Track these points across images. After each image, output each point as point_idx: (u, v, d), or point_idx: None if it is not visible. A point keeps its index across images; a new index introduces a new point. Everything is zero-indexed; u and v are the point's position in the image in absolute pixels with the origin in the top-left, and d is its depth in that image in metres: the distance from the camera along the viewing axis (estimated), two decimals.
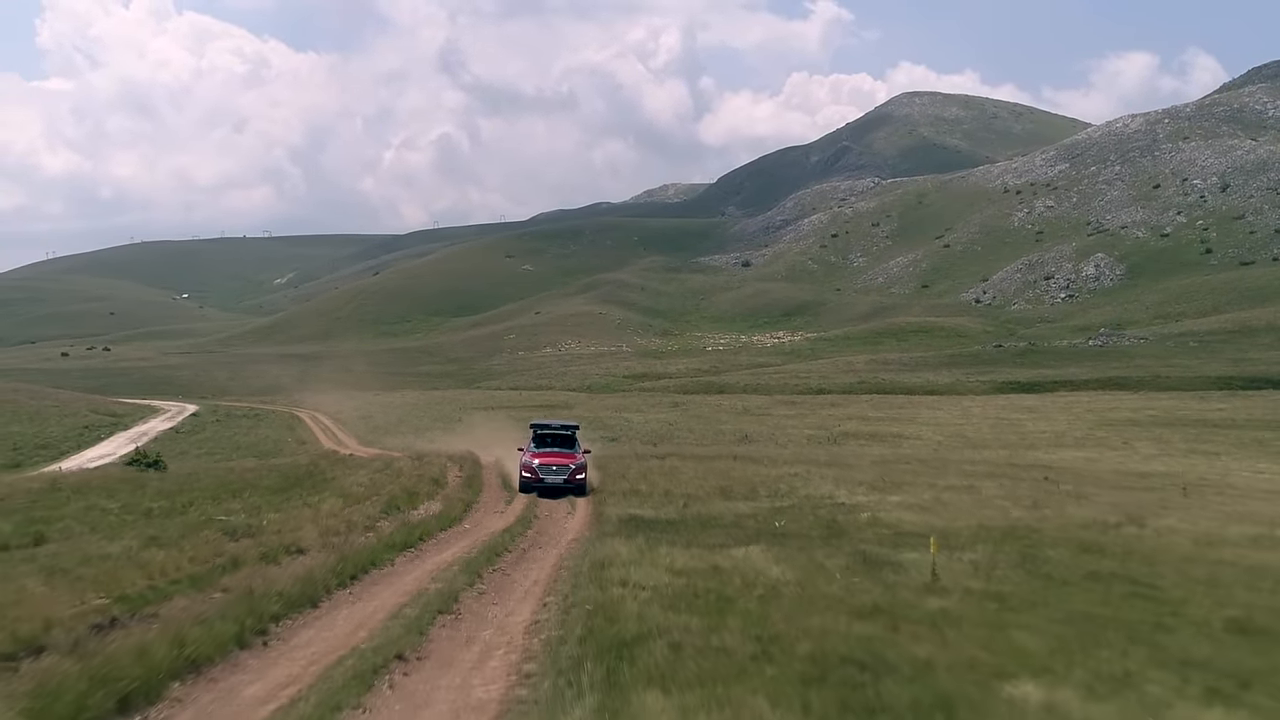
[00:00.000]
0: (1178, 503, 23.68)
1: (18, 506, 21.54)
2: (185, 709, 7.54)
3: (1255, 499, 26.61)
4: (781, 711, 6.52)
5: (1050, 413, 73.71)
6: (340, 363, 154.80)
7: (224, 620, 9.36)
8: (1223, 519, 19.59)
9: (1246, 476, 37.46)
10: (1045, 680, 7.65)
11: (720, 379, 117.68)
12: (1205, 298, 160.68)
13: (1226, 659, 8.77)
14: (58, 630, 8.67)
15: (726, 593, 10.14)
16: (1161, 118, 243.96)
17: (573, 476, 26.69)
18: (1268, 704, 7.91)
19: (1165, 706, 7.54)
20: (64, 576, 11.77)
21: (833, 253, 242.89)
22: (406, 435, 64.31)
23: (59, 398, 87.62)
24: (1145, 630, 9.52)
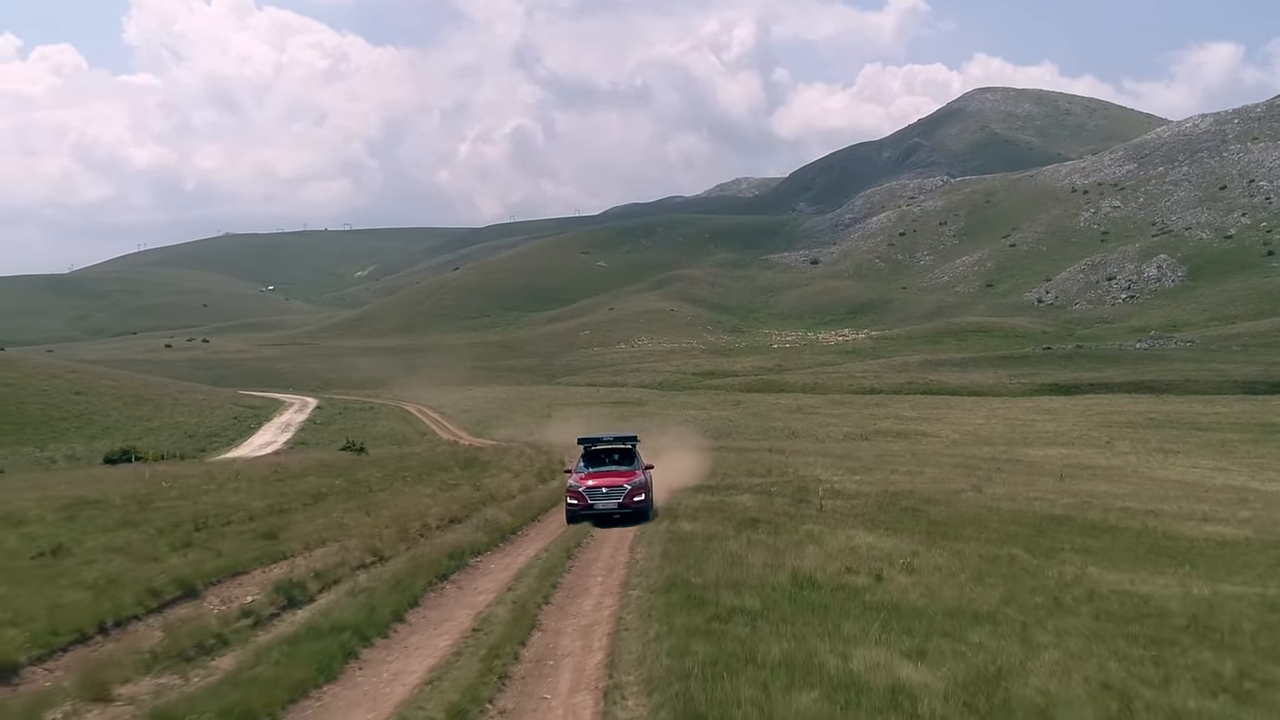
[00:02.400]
0: (1044, 481, 36.02)
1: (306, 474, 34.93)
2: (479, 570, 20.15)
3: (1121, 481, 38.78)
4: (729, 524, 19.38)
5: (1066, 414, 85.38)
6: (438, 357, 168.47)
7: (488, 534, 22.20)
8: (1041, 490, 31.95)
9: (1161, 470, 49.57)
10: (859, 533, 20.26)
11: (781, 378, 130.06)
12: (1261, 300, 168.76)
13: (957, 536, 21.44)
14: (414, 526, 21.72)
15: (724, 510, 22.82)
16: (1231, 118, 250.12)
17: (630, 499, 22.64)
18: (971, 547, 20.59)
19: (892, 540, 20.34)
20: (388, 512, 24.86)
21: (900, 251, 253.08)
22: (508, 428, 77.99)
23: (201, 391, 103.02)
24: (909, 521, 22.15)
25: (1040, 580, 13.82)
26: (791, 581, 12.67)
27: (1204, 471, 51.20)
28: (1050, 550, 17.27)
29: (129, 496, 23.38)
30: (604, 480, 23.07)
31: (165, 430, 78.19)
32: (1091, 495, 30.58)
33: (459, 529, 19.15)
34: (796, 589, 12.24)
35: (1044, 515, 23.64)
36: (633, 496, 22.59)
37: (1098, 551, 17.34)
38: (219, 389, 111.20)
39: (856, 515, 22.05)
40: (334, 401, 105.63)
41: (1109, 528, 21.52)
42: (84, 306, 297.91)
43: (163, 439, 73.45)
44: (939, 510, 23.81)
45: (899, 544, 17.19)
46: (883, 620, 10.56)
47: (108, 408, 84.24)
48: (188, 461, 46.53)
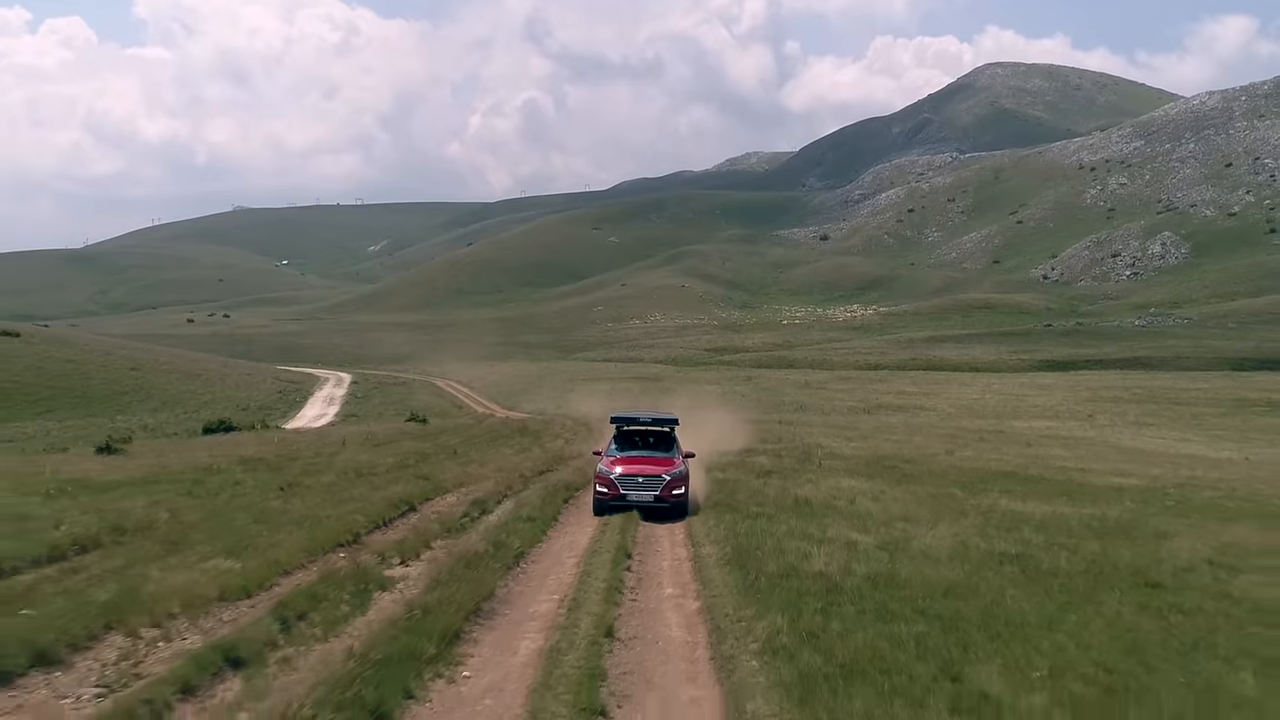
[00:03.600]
0: (1011, 448, 43.12)
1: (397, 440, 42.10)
2: (584, 500, 27.18)
3: (1079, 448, 45.91)
4: (750, 474, 26.46)
5: (1057, 389, 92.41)
6: (462, 332, 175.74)
7: (581, 477, 29.32)
8: (1004, 454, 39.02)
9: (1128, 440, 56.71)
10: (845, 479, 27.21)
11: (791, 354, 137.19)
12: (1263, 278, 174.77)
13: (932, 484, 28.55)
14: (517, 474, 28.86)
15: (746, 465, 29.85)
16: (1239, 95, 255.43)
17: (668, 491, 20.56)
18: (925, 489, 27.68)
19: (876, 486, 27.44)
20: (491, 465, 31.98)
21: (908, 227, 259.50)
22: (537, 402, 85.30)
23: (244, 367, 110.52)
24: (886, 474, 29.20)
25: (960, 505, 20.88)
26: (794, 502, 19.91)
27: (1166, 442, 58.18)
28: (980, 490, 24.26)
29: (280, 455, 30.59)
30: (639, 468, 20.93)
31: (220, 404, 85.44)
32: (1043, 458, 37.72)
33: (553, 475, 26.31)
34: (797, 506, 19.45)
35: (993, 471, 30.70)
36: (671, 489, 20.44)
37: (1015, 492, 24.30)
38: (260, 365, 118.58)
39: (847, 470, 29.17)
40: (367, 377, 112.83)
41: (1037, 479, 28.52)
42: (103, 281, 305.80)
43: (221, 412, 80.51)
44: (912, 467, 30.92)
45: (872, 485, 24.35)
46: (849, 519, 17.74)
47: (163, 383, 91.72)
48: (272, 431, 53.81)
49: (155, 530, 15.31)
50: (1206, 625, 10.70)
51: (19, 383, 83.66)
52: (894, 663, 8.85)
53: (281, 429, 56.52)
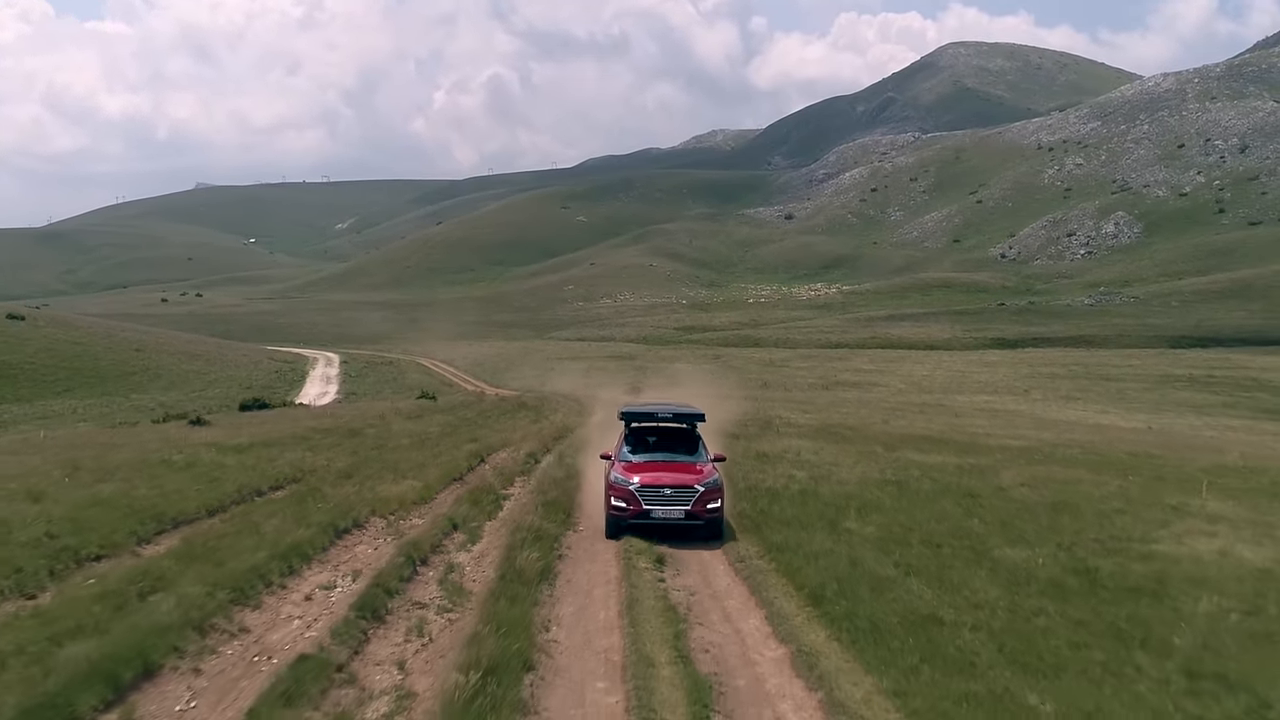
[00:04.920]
0: (942, 418, 51.58)
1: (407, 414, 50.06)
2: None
3: (1000, 418, 54.51)
4: (721, 436, 34.57)
5: (1001, 366, 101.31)
6: (443, 312, 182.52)
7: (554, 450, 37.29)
8: (933, 423, 47.40)
9: (1052, 413, 65.49)
10: (795, 440, 35.26)
11: (756, 333, 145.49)
12: (1210, 257, 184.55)
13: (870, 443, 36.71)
14: (541, 439, 36.80)
15: (717, 431, 38.00)
16: (1192, 77, 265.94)
17: (702, 505, 17.27)
18: (855, 447, 35.84)
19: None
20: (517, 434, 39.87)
21: (871, 207, 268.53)
22: (521, 380, 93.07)
23: (238, 348, 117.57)
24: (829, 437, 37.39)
25: (877, 457, 29.03)
26: (755, 455, 28.05)
27: (1085, 414, 66.95)
28: (897, 448, 32.38)
29: (346, 429, 38.42)
30: (664, 476, 17.69)
31: (224, 383, 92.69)
32: (963, 427, 46.16)
33: (573, 437, 34.28)
34: (755, 457, 27.61)
35: (915, 435, 38.95)
36: (705, 502, 17.21)
37: (923, 449, 32.41)
38: (252, 345, 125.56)
39: (798, 435, 37.32)
40: (353, 357, 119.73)
41: (946, 441, 36.73)
42: (71, 260, 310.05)
43: (227, 390, 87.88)
44: (851, 433, 39.16)
45: (815, 445, 32.54)
46: (793, 464, 25.90)
47: (168, 363, 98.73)
48: (298, 409, 61.46)
49: (328, 471, 23.20)
50: (988, 513, 18.95)
51: (35, 364, 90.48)
52: (803, 520, 17.06)
53: (308, 406, 64.01)
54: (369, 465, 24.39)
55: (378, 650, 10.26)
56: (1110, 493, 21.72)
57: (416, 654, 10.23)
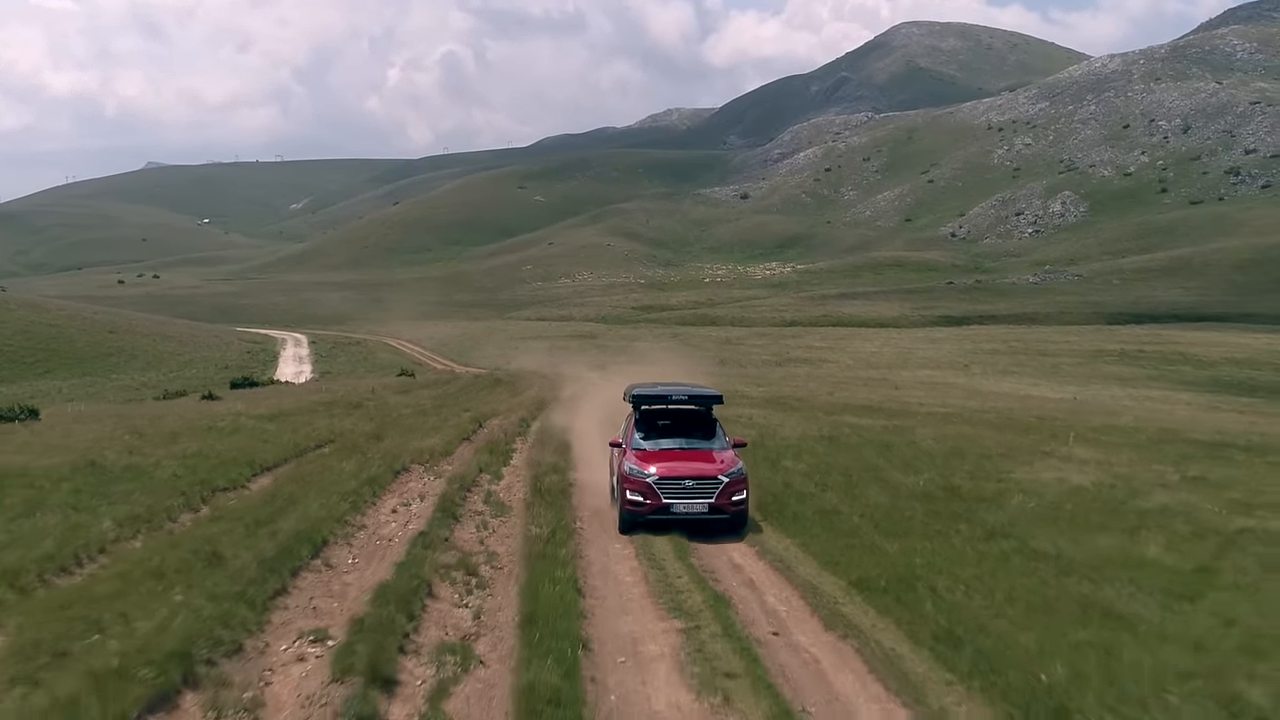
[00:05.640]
0: (883, 390, 57.12)
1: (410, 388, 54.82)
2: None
3: (937, 390, 60.17)
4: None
5: (946, 343, 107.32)
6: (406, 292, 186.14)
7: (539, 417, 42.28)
8: (873, 394, 52.85)
9: (987, 385, 71.34)
10: (747, 409, 40.44)
11: (713, 311, 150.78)
12: (1152, 236, 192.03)
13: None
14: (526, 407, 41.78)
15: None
16: (1138, 58, 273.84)
17: (726, 497, 16.27)
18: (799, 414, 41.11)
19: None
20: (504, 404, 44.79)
21: (825, 186, 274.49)
22: (489, 358, 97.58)
23: (208, 329, 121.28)
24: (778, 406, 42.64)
25: (818, 421, 34.29)
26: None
27: (1017, 386, 72.90)
28: (837, 414, 37.69)
29: (347, 402, 43.18)
30: (684, 466, 16.84)
31: (200, 363, 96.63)
32: (900, 398, 51.68)
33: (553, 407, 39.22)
34: None
35: (854, 405, 44.33)
36: (730, 494, 16.32)
37: (861, 415, 37.69)
38: (221, 326, 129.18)
39: (750, 404, 42.48)
40: (320, 337, 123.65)
41: (880, 408, 42.11)
42: (23, 241, 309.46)
43: (204, 370, 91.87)
44: (798, 403, 44.48)
45: (764, 412, 37.75)
46: (744, 427, 31.09)
47: (143, 344, 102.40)
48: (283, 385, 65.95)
49: (358, 434, 28.10)
50: (895, 456, 24.21)
51: (13, 346, 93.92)
52: (750, 462, 22.25)
53: (291, 384, 68.47)
54: (390, 428, 29.33)
55: (461, 534, 15.26)
56: (1001, 444, 27.13)
57: (488, 536, 15.32)
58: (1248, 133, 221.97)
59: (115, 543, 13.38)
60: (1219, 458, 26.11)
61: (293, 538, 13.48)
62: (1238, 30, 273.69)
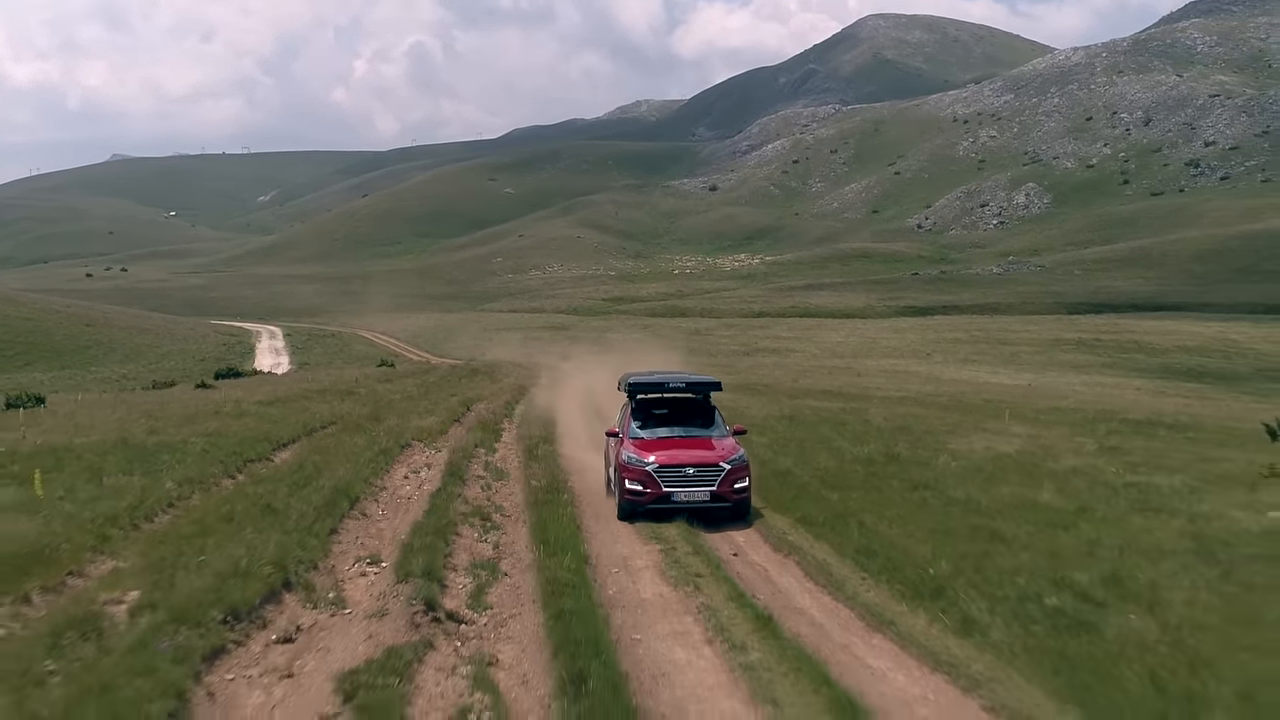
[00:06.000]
0: (845, 377, 60.14)
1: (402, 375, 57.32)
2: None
3: (897, 377, 63.25)
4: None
5: (910, 332, 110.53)
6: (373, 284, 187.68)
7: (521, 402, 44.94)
8: (836, 380, 55.85)
9: (946, 373, 74.53)
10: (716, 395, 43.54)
11: (682, 303, 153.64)
12: (1114, 227, 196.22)
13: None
14: (508, 392, 44.44)
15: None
16: (1101, 51, 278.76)
17: (729, 485, 16.20)
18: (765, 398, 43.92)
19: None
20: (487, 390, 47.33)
21: (793, 178, 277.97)
22: (464, 349, 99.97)
23: (183, 322, 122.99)
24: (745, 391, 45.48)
25: (781, 404, 37.14)
26: None
27: (977, 374, 76.06)
28: (800, 398, 40.56)
29: (337, 389, 45.65)
30: (685, 454, 16.77)
31: (178, 355, 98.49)
32: (860, 384, 54.66)
33: (531, 393, 41.92)
34: None
35: (817, 390, 47.24)
36: (732, 481, 16.24)
37: (822, 398, 40.58)
38: (195, 319, 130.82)
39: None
40: (294, 330, 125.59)
41: (841, 393, 45.03)
42: None
43: (182, 362, 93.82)
44: (764, 389, 47.28)
45: (731, 396, 40.10)
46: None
47: (120, 337, 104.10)
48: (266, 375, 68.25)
49: (356, 416, 30.66)
50: (848, 431, 27.03)
51: None
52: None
53: (274, 374, 70.76)
54: (386, 412, 31.89)
55: (469, 492, 17.92)
56: (945, 422, 30.04)
57: (493, 494, 18.03)
58: (1207, 125, 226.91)
59: (179, 500, 15.93)
60: (1142, 433, 29.10)
61: (332, 493, 16.13)
62: (1198, 24, 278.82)
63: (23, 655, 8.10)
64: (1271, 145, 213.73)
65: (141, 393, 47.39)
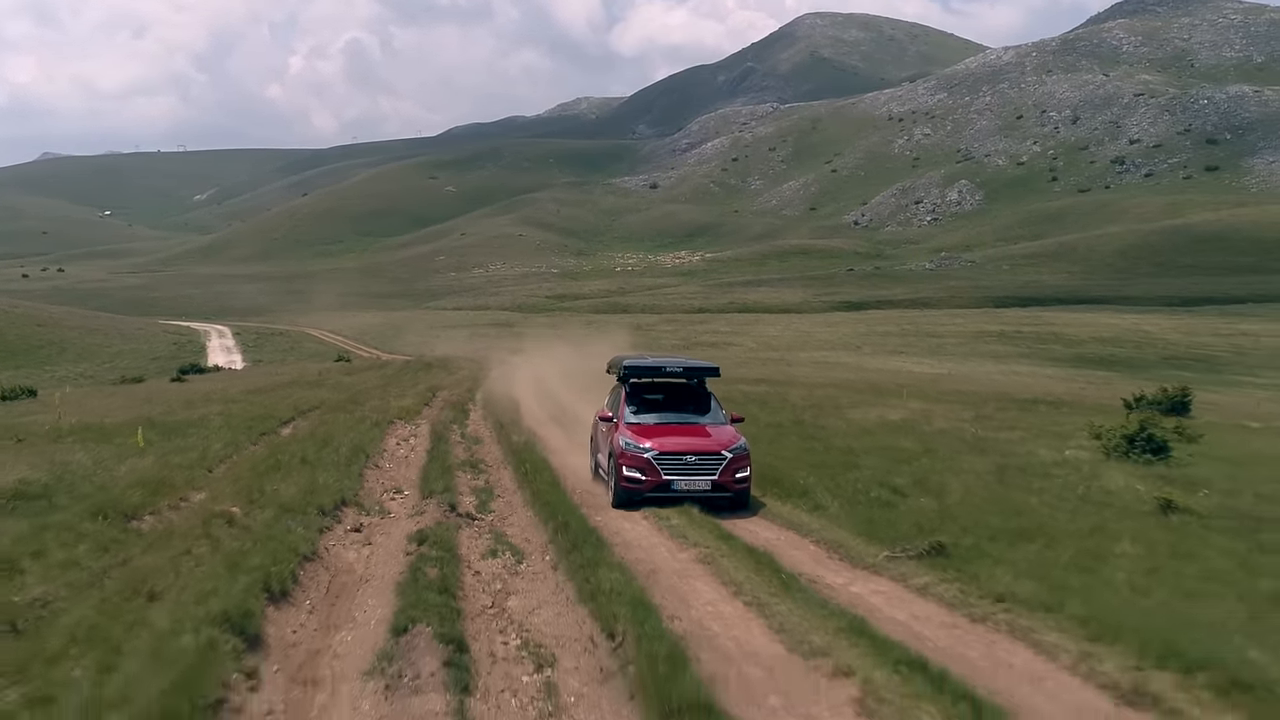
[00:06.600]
0: (777, 367, 65.25)
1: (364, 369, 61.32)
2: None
3: (824, 366, 68.48)
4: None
5: (843, 326, 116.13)
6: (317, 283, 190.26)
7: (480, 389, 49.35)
8: (768, 370, 60.81)
9: (873, 364, 79.96)
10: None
11: (625, 299, 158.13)
12: (1043, 223, 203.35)
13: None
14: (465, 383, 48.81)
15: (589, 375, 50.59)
16: (1031, 51, 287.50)
17: (730, 475, 15.92)
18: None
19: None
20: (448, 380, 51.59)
21: (733, 176, 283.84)
22: (413, 346, 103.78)
23: (131, 322, 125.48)
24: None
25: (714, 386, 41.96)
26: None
27: (901, 363, 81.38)
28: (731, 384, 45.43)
29: (306, 381, 49.72)
30: (685, 441, 16.51)
31: (130, 354, 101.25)
32: (789, 373, 59.70)
33: (486, 383, 46.28)
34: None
35: (750, 378, 52.02)
36: (734, 470, 15.93)
37: (752, 384, 45.50)
38: (144, 319, 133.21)
39: None
40: (242, 329, 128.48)
41: (771, 380, 49.87)
42: None
43: (135, 361, 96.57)
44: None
45: None
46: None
47: (72, 337, 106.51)
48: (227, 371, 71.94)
49: (335, 402, 34.94)
50: (767, 406, 31.81)
51: None
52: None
53: (233, 370, 74.44)
54: (361, 397, 36.21)
55: (455, 452, 22.45)
56: (853, 400, 35.02)
57: (475, 453, 22.58)
58: (1132, 123, 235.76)
59: (227, 457, 20.32)
60: (1021, 409, 34.27)
61: (351, 450, 20.60)
62: (1124, 24, 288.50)
63: (192, 532, 12.55)
64: (1193, 143, 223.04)
65: (122, 387, 51.08)
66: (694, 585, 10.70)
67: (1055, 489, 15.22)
